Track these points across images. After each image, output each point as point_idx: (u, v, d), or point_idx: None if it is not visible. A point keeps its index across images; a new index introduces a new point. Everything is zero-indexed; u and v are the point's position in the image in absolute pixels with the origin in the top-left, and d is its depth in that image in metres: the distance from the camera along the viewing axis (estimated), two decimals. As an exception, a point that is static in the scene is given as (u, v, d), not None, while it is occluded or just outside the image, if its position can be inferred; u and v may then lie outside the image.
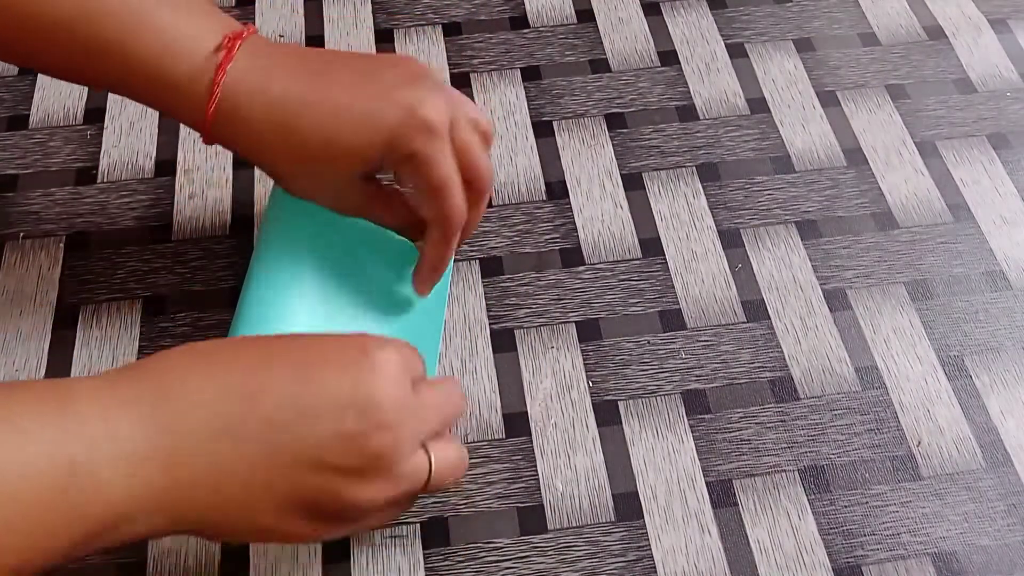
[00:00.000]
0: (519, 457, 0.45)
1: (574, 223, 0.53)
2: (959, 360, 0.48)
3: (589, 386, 0.47)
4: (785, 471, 0.44)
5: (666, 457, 0.45)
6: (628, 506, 0.43)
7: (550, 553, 0.42)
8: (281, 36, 0.61)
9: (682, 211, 0.53)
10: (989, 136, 0.57)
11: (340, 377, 0.34)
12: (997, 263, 0.51)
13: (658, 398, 0.46)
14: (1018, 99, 0.59)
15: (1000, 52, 0.61)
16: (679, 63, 0.60)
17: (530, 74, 0.59)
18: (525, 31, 0.61)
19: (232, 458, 0.32)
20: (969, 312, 0.50)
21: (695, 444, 0.45)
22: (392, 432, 0.34)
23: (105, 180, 0.54)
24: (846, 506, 0.44)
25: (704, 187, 0.54)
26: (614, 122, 0.57)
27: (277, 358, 0.34)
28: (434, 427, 0.36)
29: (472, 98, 0.58)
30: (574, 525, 0.43)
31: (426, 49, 0.60)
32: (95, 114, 0.56)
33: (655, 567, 0.42)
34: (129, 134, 0.55)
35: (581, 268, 0.51)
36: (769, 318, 0.49)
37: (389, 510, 0.36)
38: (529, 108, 0.57)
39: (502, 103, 0.57)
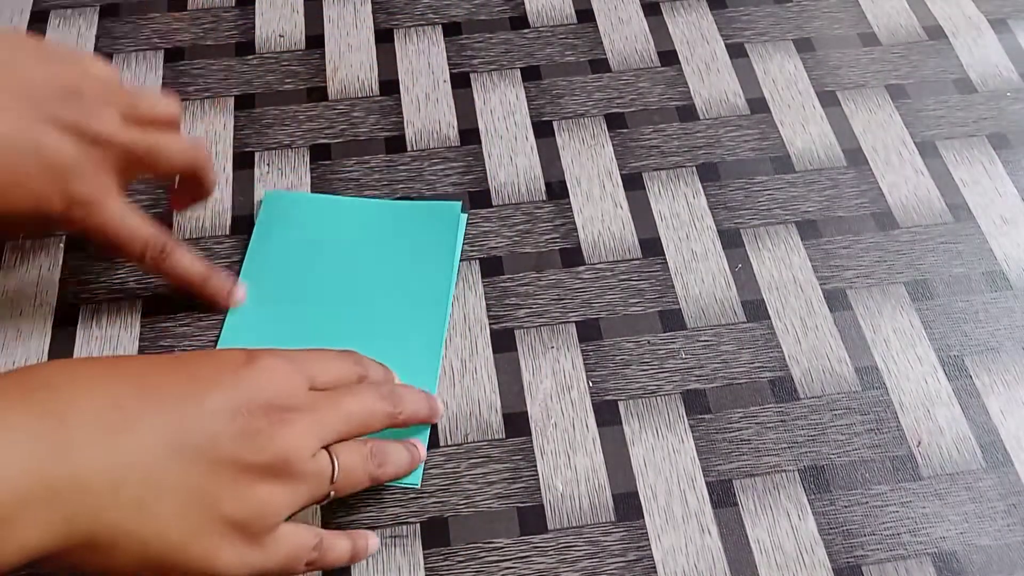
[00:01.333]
0: (519, 457, 0.45)
1: (574, 223, 0.53)
2: (959, 360, 0.48)
3: (589, 386, 0.47)
4: (785, 471, 0.44)
5: (666, 457, 0.45)
6: (628, 506, 0.43)
7: (550, 553, 0.42)
8: (281, 36, 0.61)
9: (682, 211, 0.53)
10: (989, 136, 0.57)
11: (231, 377, 0.34)
12: (997, 263, 0.51)
13: (658, 398, 0.46)
14: (1018, 99, 0.59)
15: (1000, 52, 0.61)
16: (679, 63, 0.60)
17: (530, 74, 0.59)
18: (525, 31, 0.61)
19: (131, 449, 0.31)
20: (969, 312, 0.50)
21: (695, 444, 0.45)
22: (288, 427, 0.34)
23: (105, 180, 0.53)
24: (846, 506, 0.44)
25: (704, 187, 0.54)
26: (614, 122, 0.57)
27: (166, 366, 0.34)
28: (336, 428, 0.36)
29: (472, 99, 0.58)
30: (574, 525, 0.43)
31: (426, 49, 0.60)
32: (95, 114, 0.56)
33: (655, 567, 0.42)
34: (129, 134, 0.55)
35: (581, 268, 0.51)
36: (769, 318, 0.49)
37: (300, 531, 0.36)
38: (529, 108, 0.57)
39: (502, 103, 0.57)
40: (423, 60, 0.59)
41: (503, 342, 0.48)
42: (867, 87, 0.59)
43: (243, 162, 0.54)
